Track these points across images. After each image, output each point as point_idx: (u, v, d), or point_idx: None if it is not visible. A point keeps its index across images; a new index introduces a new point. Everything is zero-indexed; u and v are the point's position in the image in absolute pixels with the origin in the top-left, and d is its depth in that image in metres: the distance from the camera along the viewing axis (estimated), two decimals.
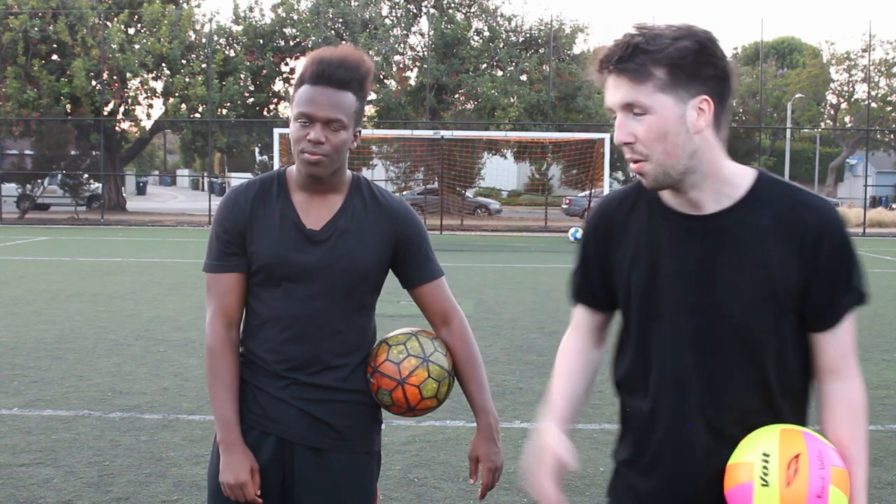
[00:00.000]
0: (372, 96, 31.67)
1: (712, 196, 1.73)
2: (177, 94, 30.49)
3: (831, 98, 43.93)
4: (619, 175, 32.78)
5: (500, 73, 32.48)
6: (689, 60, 1.62)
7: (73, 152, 30.91)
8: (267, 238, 2.18)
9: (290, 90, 2.22)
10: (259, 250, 2.18)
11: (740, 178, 1.76)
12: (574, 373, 1.98)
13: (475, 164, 31.13)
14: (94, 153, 31.30)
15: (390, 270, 2.32)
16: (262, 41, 32.19)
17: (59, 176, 30.71)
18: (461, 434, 5.34)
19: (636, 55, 1.63)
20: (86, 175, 31.38)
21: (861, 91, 40.19)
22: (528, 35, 33.06)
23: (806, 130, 48.30)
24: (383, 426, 2.36)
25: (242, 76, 31.37)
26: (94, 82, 30.07)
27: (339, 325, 2.21)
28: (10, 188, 30.43)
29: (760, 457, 1.65)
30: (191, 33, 31.55)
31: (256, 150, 38.20)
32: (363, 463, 2.26)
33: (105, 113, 31.04)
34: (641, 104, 1.65)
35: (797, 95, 40.55)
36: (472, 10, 33.65)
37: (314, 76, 2.13)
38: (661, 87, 1.64)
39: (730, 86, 1.70)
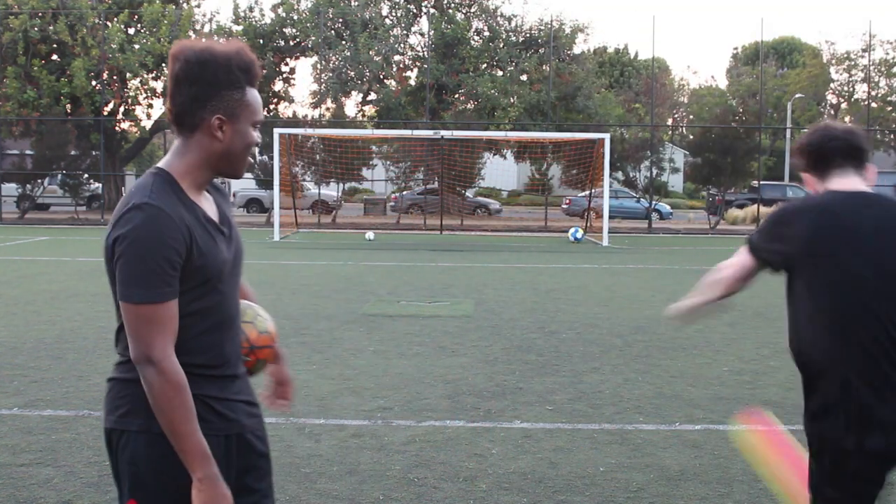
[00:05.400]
0: (372, 96, 31.70)
1: None
2: None
3: (831, 98, 43.91)
4: (619, 175, 32.74)
5: (500, 73, 32.44)
6: None
7: (73, 152, 30.80)
8: (205, 245, 2.10)
9: (242, 93, 2.12)
10: (206, 261, 2.10)
11: None
12: None
13: (475, 164, 31.03)
14: (94, 153, 31.23)
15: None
16: (262, 41, 32.17)
17: (59, 176, 30.64)
18: (461, 434, 5.33)
19: None
20: (86, 175, 31.28)
21: (861, 91, 40.17)
22: (528, 35, 33.03)
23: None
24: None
25: None
26: (94, 82, 30.05)
27: (236, 313, 2.27)
28: (10, 188, 30.39)
29: None
30: (191, 33, 31.49)
31: (256, 150, 38.15)
32: None
33: (105, 113, 31.02)
34: None
35: (797, 95, 40.57)
36: (472, 10, 33.61)
37: (255, 79, 2.14)
38: None
39: None
